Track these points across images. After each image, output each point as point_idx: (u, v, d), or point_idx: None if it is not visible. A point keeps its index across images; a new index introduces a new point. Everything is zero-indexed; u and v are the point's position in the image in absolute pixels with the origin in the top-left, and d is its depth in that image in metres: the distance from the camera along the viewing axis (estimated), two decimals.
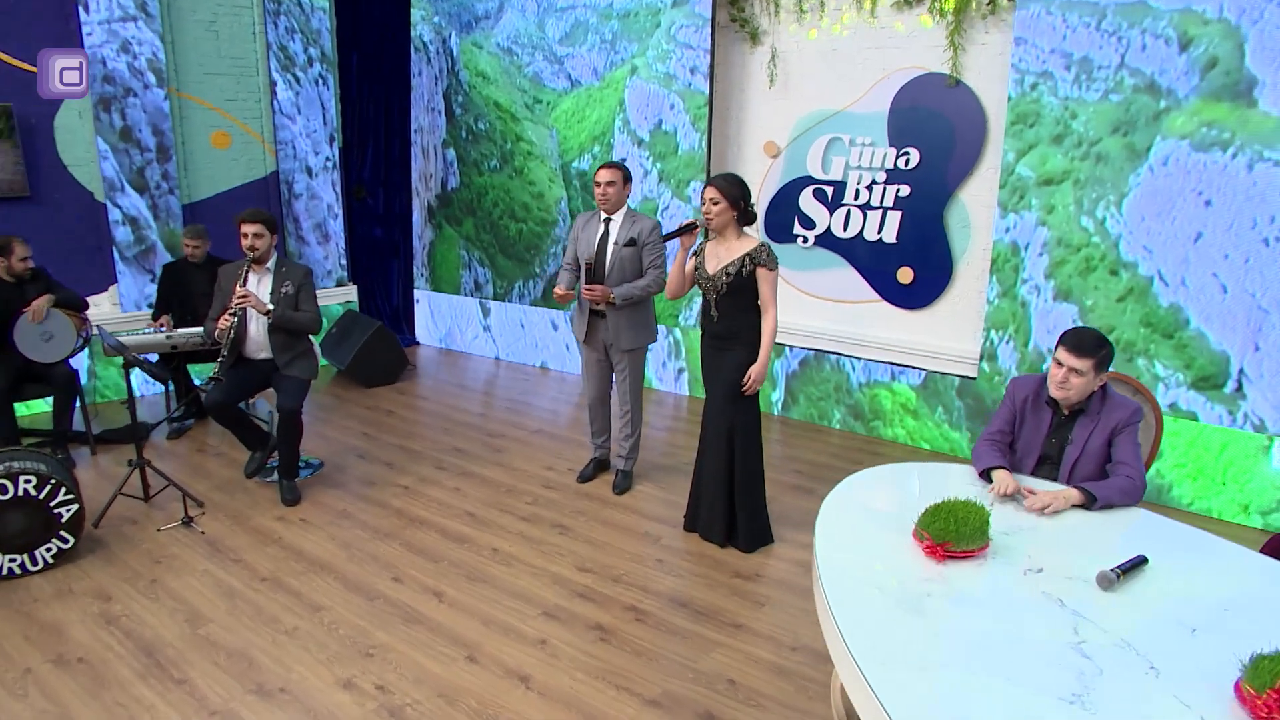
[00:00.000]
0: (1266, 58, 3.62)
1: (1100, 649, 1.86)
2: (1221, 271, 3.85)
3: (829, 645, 2.02)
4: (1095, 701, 1.68)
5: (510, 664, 2.99)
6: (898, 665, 1.80)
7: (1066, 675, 1.77)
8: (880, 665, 1.78)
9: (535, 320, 6.77)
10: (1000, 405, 2.95)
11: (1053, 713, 1.65)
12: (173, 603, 3.36)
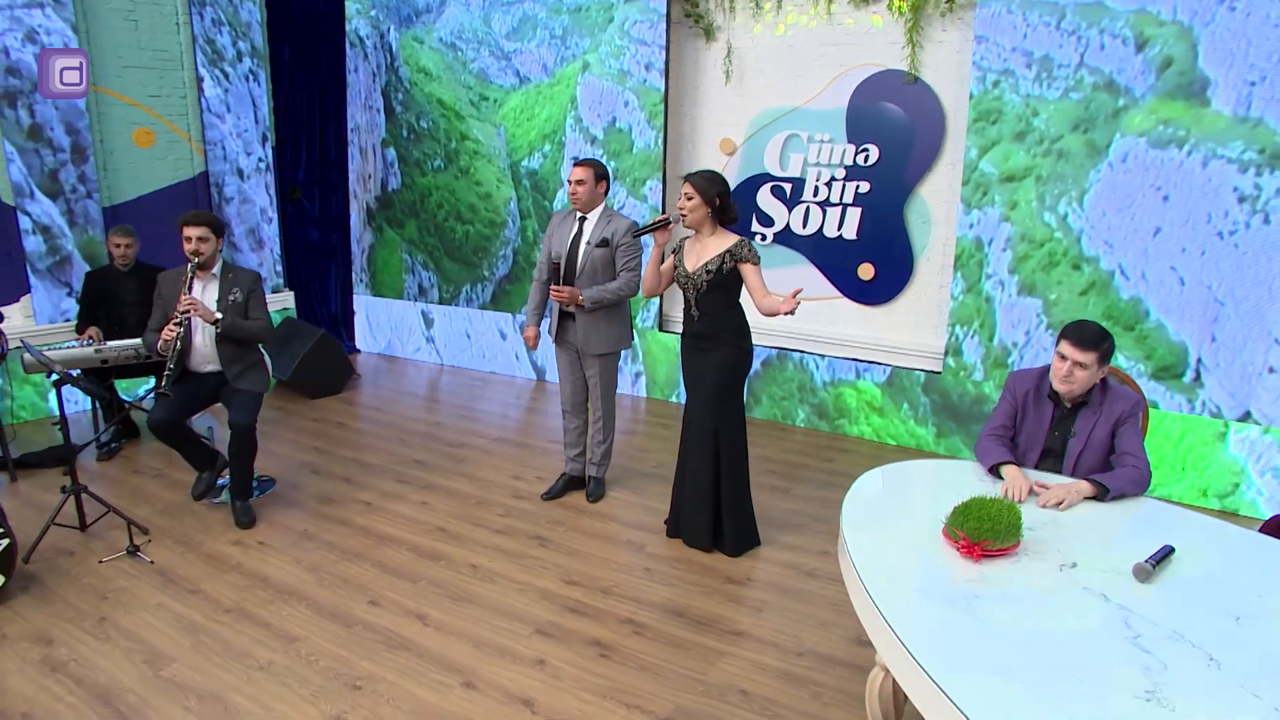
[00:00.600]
0: (1218, 59, 3.78)
1: (1156, 642, 1.85)
2: (1179, 265, 4.00)
3: (884, 654, 1.95)
4: (1169, 697, 1.66)
5: (511, 688, 2.83)
6: (969, 670, 1.74)
7: (1133, 671, 1.74)
8: (952, 672, 1.72)
9: (483, 326, 6.55)
10: (1000, 400, 2.96)
11: (1133, 712, 1.62)
12: (127, 642, 3.06)
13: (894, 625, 1.90)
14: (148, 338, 4.04)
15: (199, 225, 3.89)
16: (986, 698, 1.66)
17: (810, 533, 3.98)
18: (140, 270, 5.02)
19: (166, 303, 4.00)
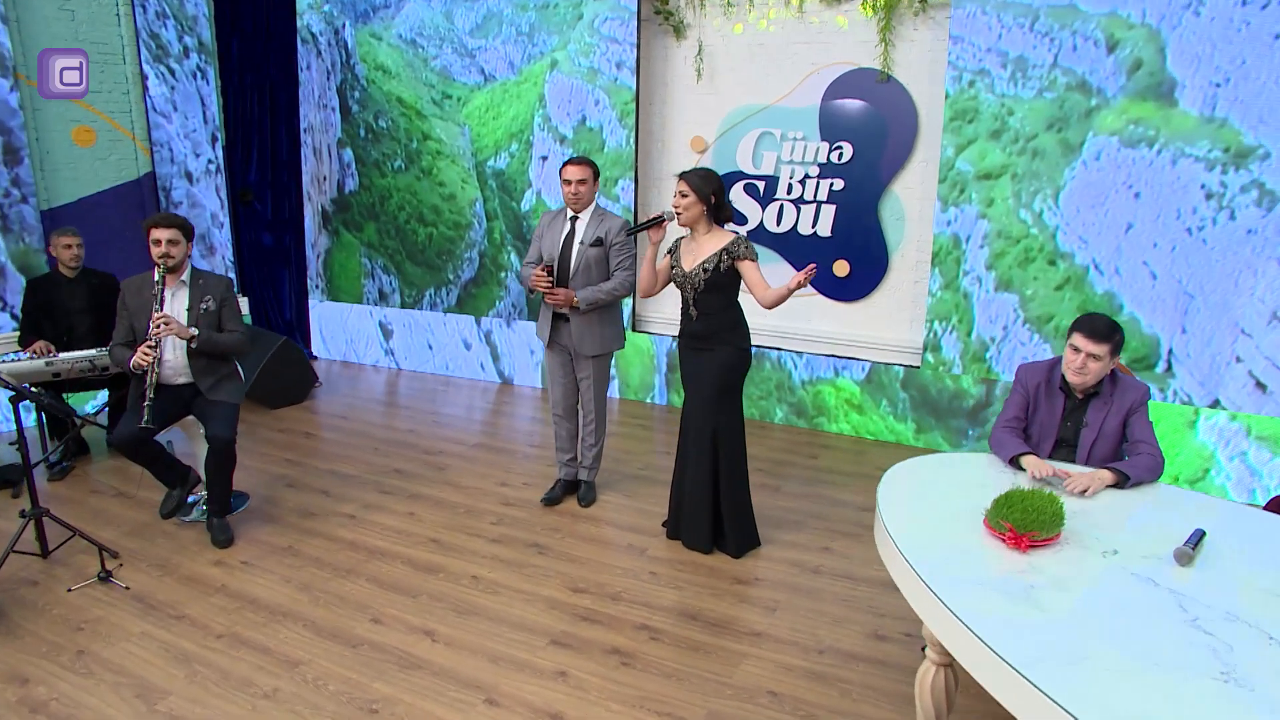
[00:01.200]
0: (1185, 61, 3.94)
1: (1214, 624, 1.89)
2: (1151, 260, 4.16)
3: (955, 650, 1.93)
4: (1245, 677, 1.70)
5: (536, 702, 2.74)
6: (1050, 662, 1.74)
7: (1202, 654, 1.78)
8: (1036, 663, 1.72)
9: (448, 329, 6.39)
10: (1012, 393, 3.01)
11: (1215, 694, 1.65)
12: (113, 676, 2.85)
13: (965, 620, 1.89)
14: (115, 352, 3.79)
15: (169, 227, 3.67)
16: (1077, 687, 1.66)
17: (808, 530, 3.99)
18: (88, 276, 4.72)
19: (133, 313, 3.75)
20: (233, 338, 3.81)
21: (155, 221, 3.68)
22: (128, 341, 3.77)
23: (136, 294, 3.76)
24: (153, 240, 3.65)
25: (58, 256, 4.62)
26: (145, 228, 3.69)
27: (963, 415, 4.86)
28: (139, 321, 3.74)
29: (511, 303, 6.14)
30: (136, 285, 3.78)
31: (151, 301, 3.66)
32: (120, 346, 3.77)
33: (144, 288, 3.75)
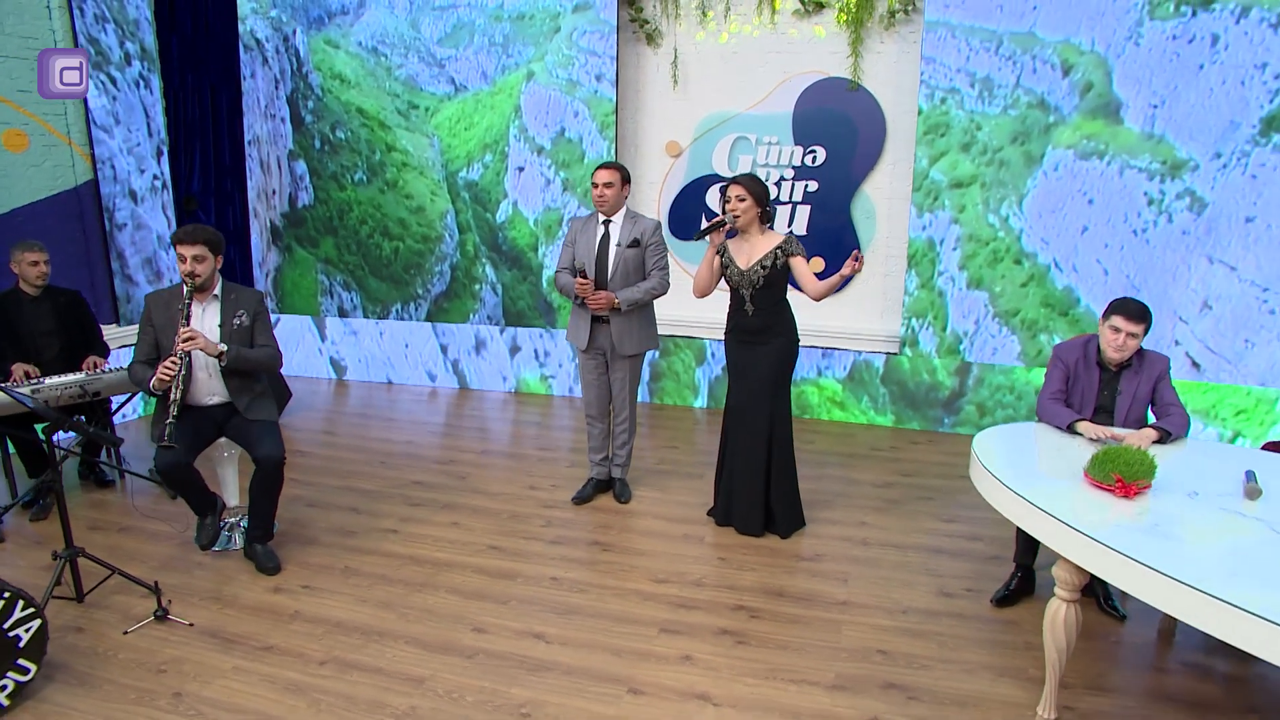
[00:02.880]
0: (1129, 84, 4.60)
1: None
2: (1102, 257, 4.80)
3: (1130, 587, 2.21)
4: None
5: (677, 687, 2.86)
6: (1213, 579, 2.07)
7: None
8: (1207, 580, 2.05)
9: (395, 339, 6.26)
10: (1052, 369, 3.42)
11: None
12: (230, 715, 2.69)
13: (1140, 558, 2.20)
14: (135, 371, 3.54)
15: (195, 243, 3.46)
16: (1250, 595, 2.01)
17: (838, 508, 4.30)
18: (54, 294, 4.33)
19: (159, 329, 3.52)
20: (265, 352, 3.65)
21: (180, 237, 3.46)
22: (150, 360, 3.53)
23: (164, 309, 3.53)
24: (179, 256, 3.45)
25: (21, 274, 4.21)
26: (176, 239, 3.48)
27: (939, 405, 5.36)
28: (165, 338, 3.51)
29: (487, 314, 6.12)
30: (164, 299, 3.55)
31: (178, 317, 3.46)
32: (141, 365, 3.53)
33: (172, 302, 3.53)
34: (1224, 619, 1.99)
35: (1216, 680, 2.98)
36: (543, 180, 5.79)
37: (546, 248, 5.91)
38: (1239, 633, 1.97)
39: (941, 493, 4.55)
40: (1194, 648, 3.16)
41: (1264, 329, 4.58)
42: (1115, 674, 3.00)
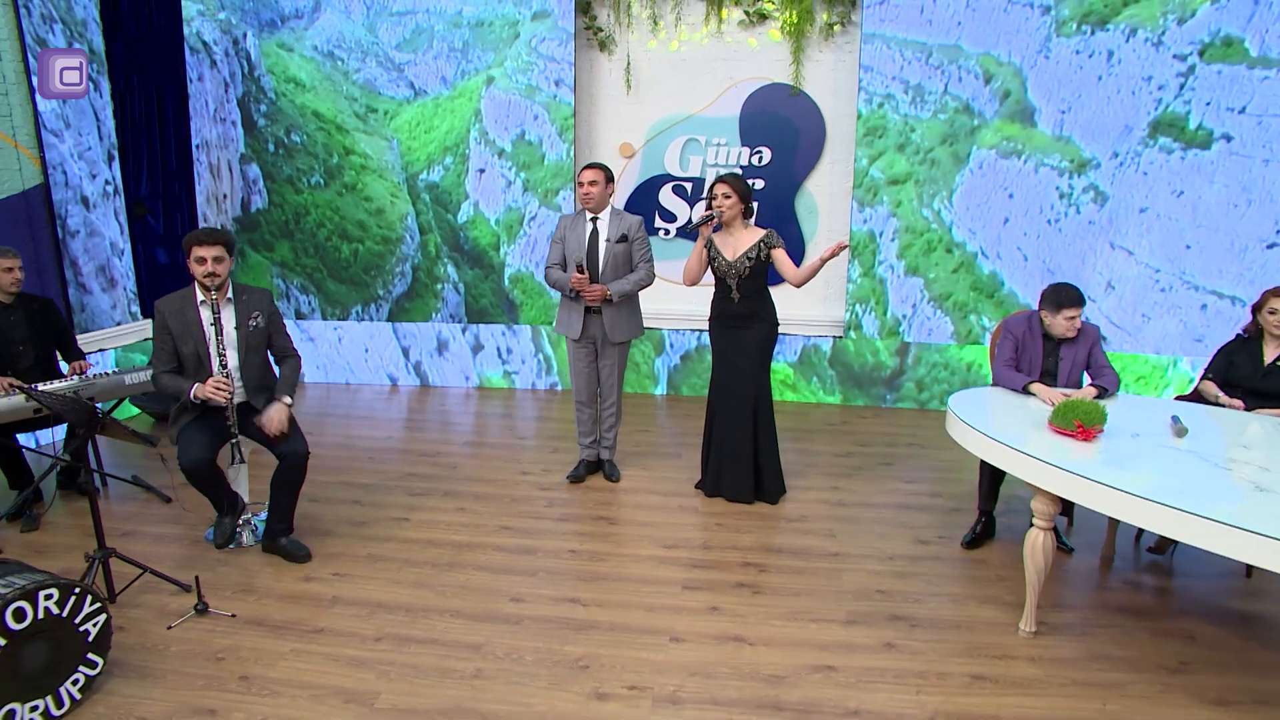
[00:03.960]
0: (1041, 93, 5.24)
1: (1234, 465, 2.88)
2: (1022, 245, 5.43)
3: (1101, 506, 2.70)
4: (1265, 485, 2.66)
5: (713, 632, 3.18)
6: (1181, 496, 2.58)
7: (1234, 480, 2.74)
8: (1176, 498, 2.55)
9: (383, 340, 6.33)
10: (1004, 340, 3.93)
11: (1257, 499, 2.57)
12: (303, 691, 2.82)
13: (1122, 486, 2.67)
14: (163, 380, 3.57)
15: (214, 244, 3.53)
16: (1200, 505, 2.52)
17: (810, 476, 4.73)
18: (26, 301, 4.25)
19: (176, 336, 3.56)
20: (294, 363, 3.80)
21: (199, 239, 3.52)
22: (175, 368, 3.57)
23: (178, 315, 3.57)
24: (195, 259, 3.51)
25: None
26: (187, 245, 3.53)
27: (882, 383, 5.89)
28: (184, 344, 3.56)
29: (449, 313, 6.25)
30: (177, 305, 3.59)
31: (200, 325, 3.54)
32: (169, 374, 3.56)
33: (185, 308, 3.59)
34: (1179, 524, 2.49)
35: (1148, 591, 3.56)
36: (504, 181, 5.99)
37: (508, 246, 6.12)
38: (1190, 532, 2.48)
39: (897, 458, 5.06)
40: (1128, 570, 3.74)
41: (1157, 305, 5.33)
42: (1072, 594, 3.53)
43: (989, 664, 2.99)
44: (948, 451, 5.16)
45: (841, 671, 2.94)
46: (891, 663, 3.00)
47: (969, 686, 2.86)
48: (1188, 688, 2.88)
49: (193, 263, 3.53)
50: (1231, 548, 2.41)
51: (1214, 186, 5.18)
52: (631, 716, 2.70)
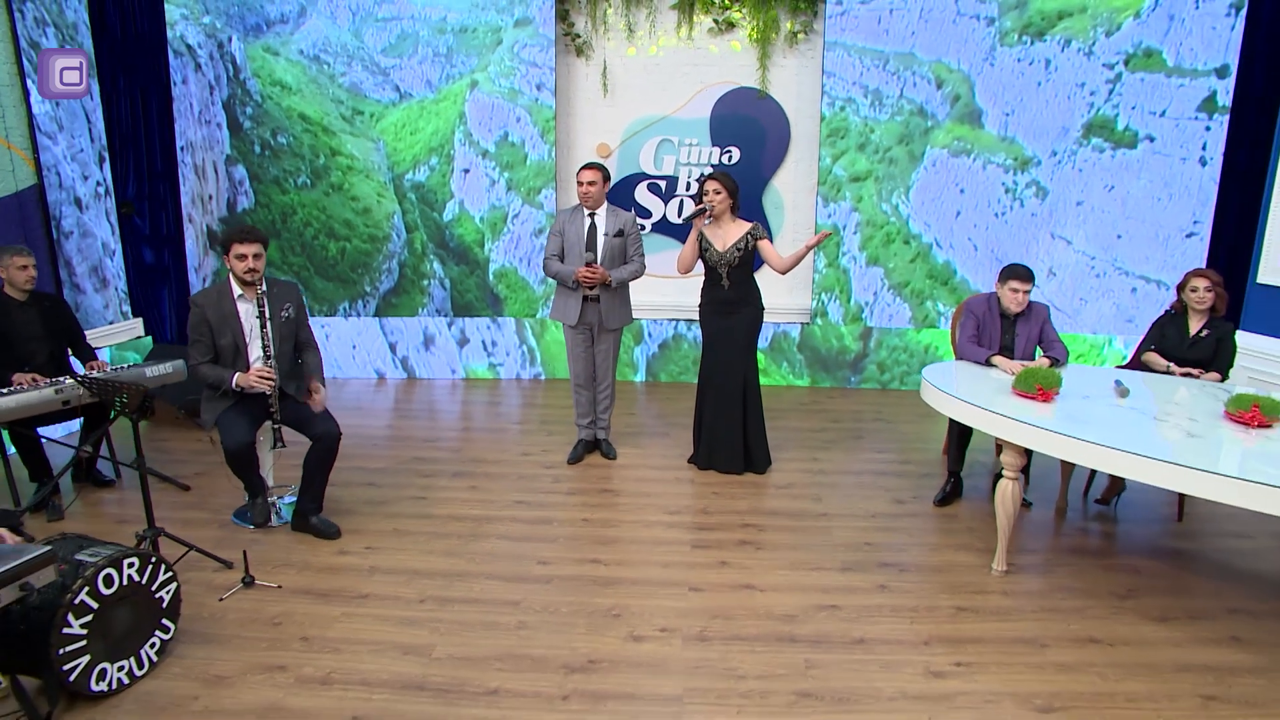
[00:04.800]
0: (987, 97, 5.76)
1: (1167, 419, 3.37)
2: (973, 236, 5.95)
3: (1065, 454, 3.15)
4: (1197, 432, 3.17)
5: (726, 582, 3.55)
6: (1132, 443, 3.04)
7: (1177, 432, 3.23)
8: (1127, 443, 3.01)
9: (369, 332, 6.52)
10: (966, 319, 4.39)
11: (1188, 443, 3.08)
12: (362, 647, 3.08)
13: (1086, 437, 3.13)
14: (204, 372, 3.76)
15: (254, 241, 3.73)
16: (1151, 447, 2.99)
17: (790, 449, 5.13)
18: (39, 299, 4.36)
19: (215, 330, 3.75)
20: (315, 352, 4.01)
21: (239, 237, 3.70)
22: (212, 360, 3.77)
23: (215, 308, 3.77)
24: (236, 256, 3.70)
25: (9, 278, 4.22)
26: (226, 243, 3.72)
27: (846, 366, 6.35)
28: (221, 336, 3.76)
29: (435, 307, 6.48)
30: (213, 299, 3.78)
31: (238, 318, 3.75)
32: (208, 365, 3.75)
33: (222, 301, 3.78)
34: (1129, 464, 2.97)
35: (1096, 535, 4.06)
36: (488, 181, 6.25)
37: (492, 243, 6.38)
38: (1137, 470, 2.95)
39: (866, 432, 5.51)
40: (1078, 519, 4.25)
41: (1092, 289, 5.91)
42: (1033, 541, 4.00)
43: (969, 598, 3.43)
44: (911, 425, 5.65)
45: (844, 609, 3.33)
46: (886, 600, 3.41)
47: (954, 616, 3.29)
48: (1135, 609, 3.36)
49: (233, 259, 3.72)
50: (1170, 481, 2.89)
51: (1140, 182, 5.78)
52: (667, 653, 3.04)
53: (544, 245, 6.26)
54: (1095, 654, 3.05)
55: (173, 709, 2.73)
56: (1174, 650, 3.09)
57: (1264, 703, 2.79)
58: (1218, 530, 4.15)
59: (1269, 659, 3.03)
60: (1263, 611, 3.37)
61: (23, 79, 5.04)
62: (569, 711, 2.72)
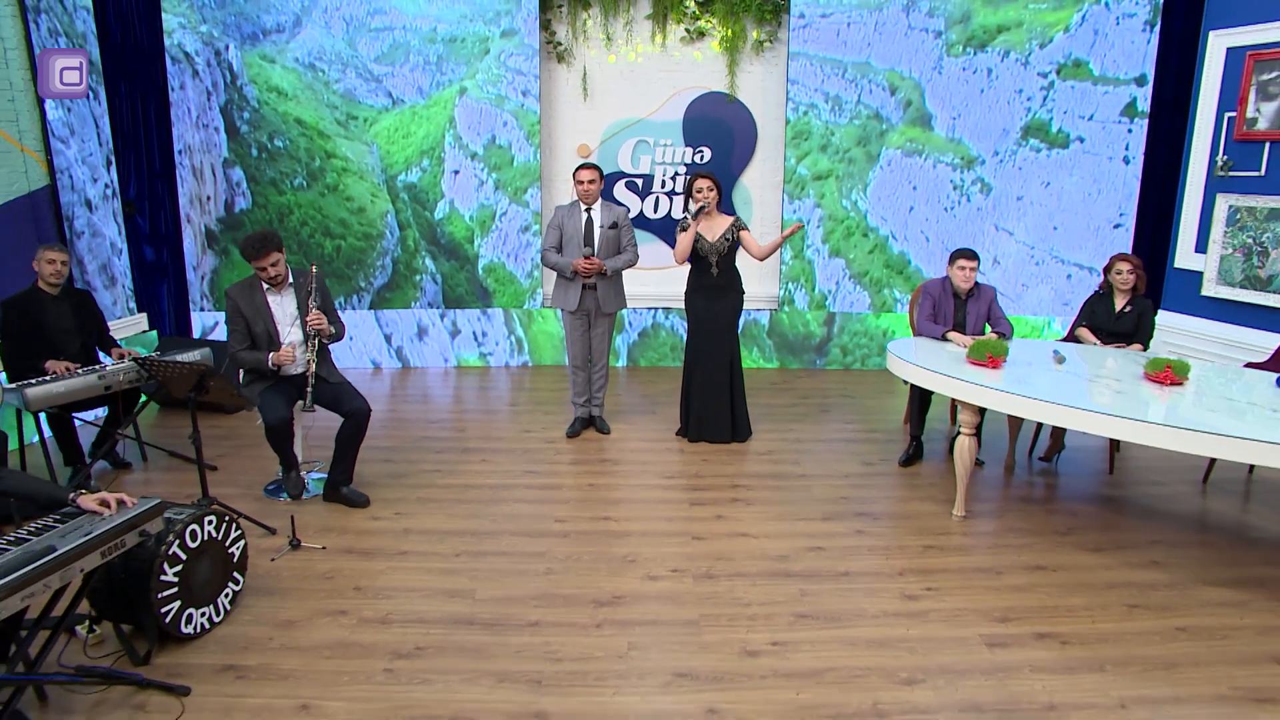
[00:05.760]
0: (936, 102, 6.36)
1: (1102, 381, 3.96)
2: (925, 229, 6.54)
3: (1013, 409, 3.72)
4: (1125, 392, 3.76)
5: (724, 531, 4.03)
6: (1070, 399, 3.61)
7: (1110, 394, 3.81)
8: (1067, 399, 3.58)
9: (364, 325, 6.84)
10: (922, 300, 4.94)
11: (1119, 400, 3.67)
12: (414, 593, 3.47)
13: (1019, 393, 3.69)
14: (243, 357, 4.11)
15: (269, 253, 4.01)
16: (1089, 403, 3.56)
17: (767, 422, 5.63)
18: (70, 294, 4.64)
19: (249, 318, 4.09)
20: (340, 326, 4.36)
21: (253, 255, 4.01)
22: (249, 346, 4.11)
23: (248, 299, 4.12)
24: (258, 268, 4.05)
25: (40, 272, 4.48)
26: (245, 256, 4.07)
27: (812, 349, 6.90)
28: (257, 325, 4.11)
29: (428, 301, 6.85)
30: (245, 291, 4.13)
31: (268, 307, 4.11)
32: (246, 351, 4.09)
33: (254, 294, 4.14)
34: (1068, 416, 3.53)
35: (1040, 487, 4.66)
36: (476, 181, 6.64)
37: (481, 239, 6.76)
38: (1075, 420, 3.51)
39: (835, 407, 6.05)
40: (1024, 474, 4.84)
41: (1032, 275, 6.57)
42: (986, 492, 4.57)
43: (935, 538, 3.97)
44: (873, 400, 6.21)
45: (828, 550, 3.84)
46: (864, 542, 3.93)
47: (923, 553, 3.83)
48: (1074, 543, 3.94)
49: (258, 272, 4.07)
50: (1101, 428, 3.47)
51: (1073, 179, 6.44)
52: (681, 588, 3.51)
53: (533, 240, 6.71)
54: (1041, 578, 3.61)
55: (254, 648, 3.10)
56: (1105, 572, 3.67)
57: (1176, 607, 3.38)
58: (1141, 480, 4.77)
59: (1180, 577, 3.63)
60: (1177, 541, 3.99)
61: (36, 85, 5.27)
62: (604, 635, 3.17)
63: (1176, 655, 3.05)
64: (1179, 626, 3.24)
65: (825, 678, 2.90)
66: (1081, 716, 2.71)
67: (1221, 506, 4.43)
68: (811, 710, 2.73)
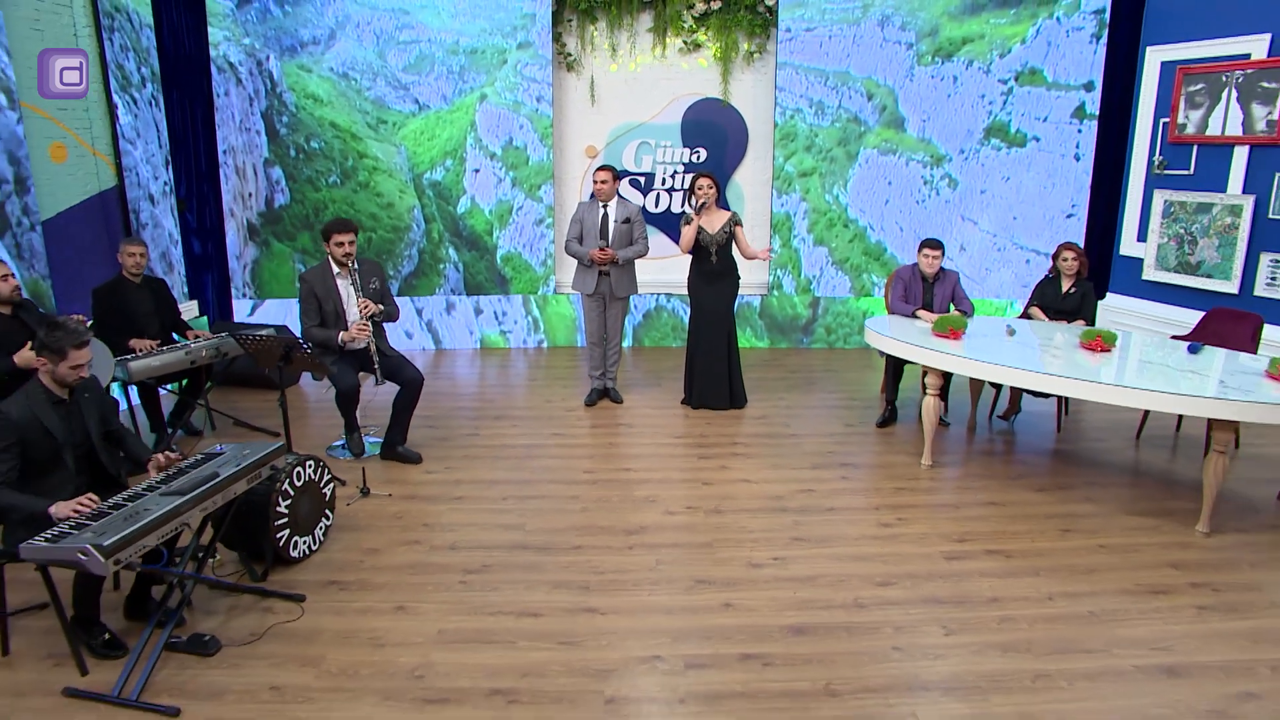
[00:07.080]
0: (908, 106, 7.09)
1: (1049, 350, 4.72)
2: (900, 221, 7.29)
3: (972, 372, 4.48)
4: (1070, 360, 4.52)
5: (728, 479, 4.75)
6: (1021, 362, 4.36)
7: (1052, 358, 4.57)
8: (1016, 363, 4.33)
9: None
10: (895, 284, 5.68)
11: (1076, 365, 4.43)
12: (476, 529, 4.18)
13: (975, 359, 4.44)
14: (315, 333, 4.76)
15: (349, 231, 4.75)
16: (1045, 367, 4.30)
17: (760, 393, 6.35)
18: (149, 282, 5.26)
19: (321, 299, 4.76)
20: (395, 309, 5.04)
21: (338, 228, 4.74)
22: (320, 324, 4.78)
23: (321, 282, 4.79)
24: (335, 243, 4.73)
25: (123, 264, 5.10)
26: (327, 233, 4.74)
27: (799, 330, 7.63)
28: (328, 305, 4.78)
29: (451, 288, 7.52)
30: (319, 275, 4.80)
31: (337, 290, 4.78)
32: (317, 328, 4.76)
33: (325, 277, 4.80)
34: (1020, 377, 4.29)
35: (999, 442, 5.42)
36: (495, 179, 7.30)
37: (500, 232, 7.44)
38: (1026, 380, 4.27)
39: (820, 379, 6.79)
40: (985, 433, 5.60)
41: (995, 261, 7.34)
42: (951, 448, 5.32)
43: (906, 483, 4.72)
44: (854, 374, 6.95)
45: (817, 491, 4.58)
46: (846, 485, 4.67)
47: (895, 493, 4.57)
48: (1023, 484, 4.70)
49: (333, 245, 4.75)
50: (1047, 386, 4.23)
51: (1030, 174, 7.21)
52: (695, 520, 4.23)
53: (546, 231, 7.39)
54: (993, 511, 4.36)
55: (348, 568, 3.79)
56: (1046, 506, 4.42)
57: (1100, 531, 4.14)
58: (1084, 437, 5.55)
59: (1108, 509, 4.40)
60: (1107, 483, 4.75)
61: (108, 95, 5.88)
62: (635, 555, 3.89)
63: (1096, 563, 3.82)
64: (1101, 544, 4.00)
65: (817, 581, 3.64)
66: (1017, 605, 3.46)
67: (1150, 458, 5.20)
68: (807, 602, 3.47)
